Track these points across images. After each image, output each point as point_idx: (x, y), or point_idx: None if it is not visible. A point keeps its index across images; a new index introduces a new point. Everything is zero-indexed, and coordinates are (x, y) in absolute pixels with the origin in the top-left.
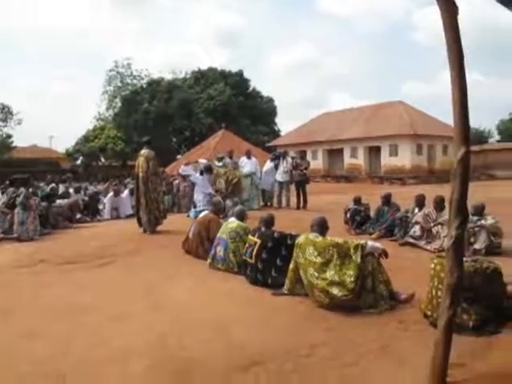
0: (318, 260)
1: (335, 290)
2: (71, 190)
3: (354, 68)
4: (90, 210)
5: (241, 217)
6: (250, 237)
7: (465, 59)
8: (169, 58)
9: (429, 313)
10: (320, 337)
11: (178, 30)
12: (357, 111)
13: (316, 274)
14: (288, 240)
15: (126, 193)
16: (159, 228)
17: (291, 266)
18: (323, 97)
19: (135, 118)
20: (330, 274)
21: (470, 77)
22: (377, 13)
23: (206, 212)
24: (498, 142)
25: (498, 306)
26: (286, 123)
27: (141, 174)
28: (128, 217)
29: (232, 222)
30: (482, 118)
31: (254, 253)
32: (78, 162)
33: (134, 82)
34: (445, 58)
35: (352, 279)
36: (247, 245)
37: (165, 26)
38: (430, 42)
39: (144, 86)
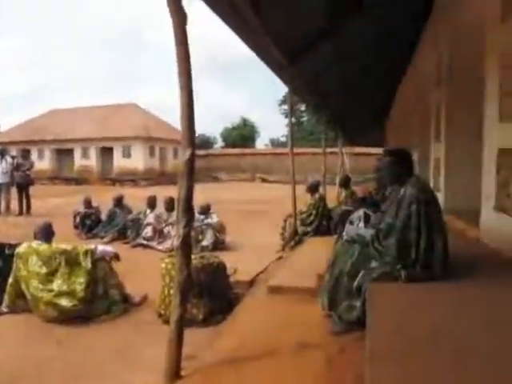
0: (43, 270)
1: (64, 301)
2: None
3: (88, 66)
4: None
5: None
6: None
7: (192, 68)
8: None
9: (162, 312)
10: (50, 353)
11: None
12: (88, 111)
13: (41, 286)
14: (6, 250)
15: None
16: None
17: (10, 279)
18: (52, 92)
19: None
20: (57, 284)
21: (201, 86)
22: (116, 12)
23: None
24: (222, 147)
25: (222, 297)
26: (6, 118)
27: None
28: None
29: None
30: (210, 125)
31: None
32: None
33: None
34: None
35: (82, 287)
36: None
37: None
38: (166, 49)
39: None
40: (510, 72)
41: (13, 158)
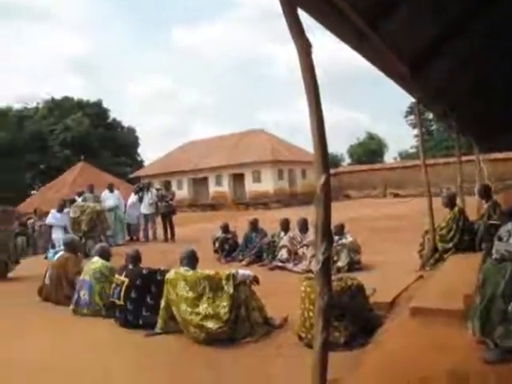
0: (191, 295)
1: (210, 324)
2: None
3: (214, 98)
4: None
5: (104, 255)
6: (117, 276)
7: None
8: (13, 87)
9: (303, 335)
10: (199, 374)
11: (22, 57)
12: (220, 140)
13: (189, 310)
14: (158, 276)
15: None
16: (11, 274)
17: (163, 303)
18: (185, 127)
19: None
20: (203, 307)
21: (324, 106)
22: (233, 45)
23: (61, 253)
24: (349, 165)
25: (363, 319)
26: (149, 154)
27: None
28: None
29: (95, 262)
30: (335, 143)
31: (122, 293)
32: None
33: None
34: (301, 88)
35: (226, 310)
36: (114, 285)
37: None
38: (287, 74)
39: None
40: None
41: (157, 190)
